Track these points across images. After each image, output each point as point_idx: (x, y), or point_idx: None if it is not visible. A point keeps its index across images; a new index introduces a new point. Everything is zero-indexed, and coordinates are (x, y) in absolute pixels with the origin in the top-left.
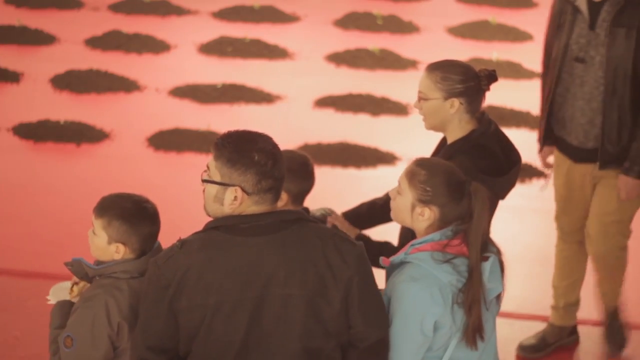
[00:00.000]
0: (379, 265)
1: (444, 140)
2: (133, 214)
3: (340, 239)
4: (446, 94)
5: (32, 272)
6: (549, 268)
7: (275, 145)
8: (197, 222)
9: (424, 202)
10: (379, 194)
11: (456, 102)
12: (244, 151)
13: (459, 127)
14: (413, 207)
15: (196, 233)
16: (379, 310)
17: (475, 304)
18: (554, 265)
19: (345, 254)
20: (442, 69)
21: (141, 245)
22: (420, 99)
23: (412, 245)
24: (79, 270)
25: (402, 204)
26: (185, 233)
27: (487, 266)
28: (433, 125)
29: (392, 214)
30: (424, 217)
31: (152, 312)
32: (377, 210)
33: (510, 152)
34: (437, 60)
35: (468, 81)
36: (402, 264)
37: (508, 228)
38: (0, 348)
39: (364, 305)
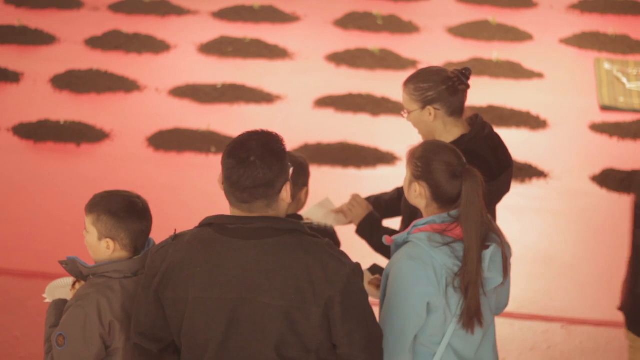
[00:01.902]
0: (381, 250)
1: None
2: (121, 208)
3: (330, 256)
4: (421, 103)
5: (32, 272)
6: (549, 268)
7: (261, 152)
8: (196, 221)
9: (416, 177)
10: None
11: (432, 109)
12: (225, 154)
13: (447, 132)
14: (410, 183)
15: (194, 228)
16: (366, 332)
17: (471, 286)
18: None
19: (331, 272)
20: (414, 80)
21: (132, 241)
22: (406, 112)
23: (414, 225)
24: (73, 268)
25: (405, 181)
26: None
27: (487, 254)
28: (425, 135)
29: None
30: (416, 192)
31: (141, 298)
32: (381, 206)
33: (502, 156)
34: (413, 72)
35: (438, 86)
36: (404, 243)
37: (508, 228)
38: (0, 348)
39: (348, 326)
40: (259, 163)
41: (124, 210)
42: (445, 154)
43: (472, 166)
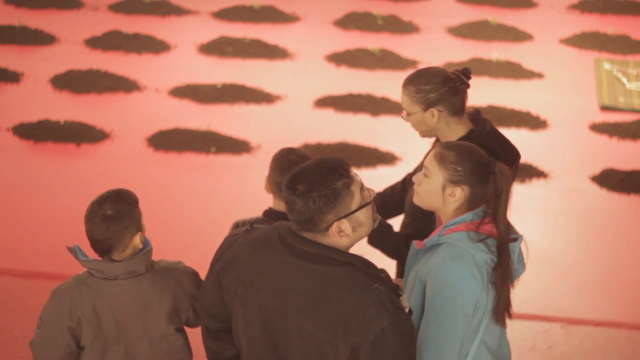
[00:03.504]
0: (396, 256)
1: (437, 140)
2: (87, 213)
3: (372, 302)
4: (424, 105)
5: (32, 272)
6: (549, 268)
7: (308, 185)
8: (196, 221)
9: (455, 182)
10: None
11: (435, 111)
12: None
13: (451, 131)
14: (444, 188)
15: (269, 226)
16: None
17: (506, 281)
18: None
19: (367, 319)
20: (414, 82)
21: (92, 245)
22: (406, 113)
23: (445, 227)
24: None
25: (432, 186)
26: (184, 233)
27: (516, 247)
28: (425, 134)
29: (416, 199)
30: (455, 197)
31: (207, 276)
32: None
33: (508, 149)
34: (411, 73)
35: (440, 88)
36: (433, 247)
37: None
38: (0, 348)
39: None
40: (303, 196)
41: (86, 216)
42: (480, 154)
43: None
